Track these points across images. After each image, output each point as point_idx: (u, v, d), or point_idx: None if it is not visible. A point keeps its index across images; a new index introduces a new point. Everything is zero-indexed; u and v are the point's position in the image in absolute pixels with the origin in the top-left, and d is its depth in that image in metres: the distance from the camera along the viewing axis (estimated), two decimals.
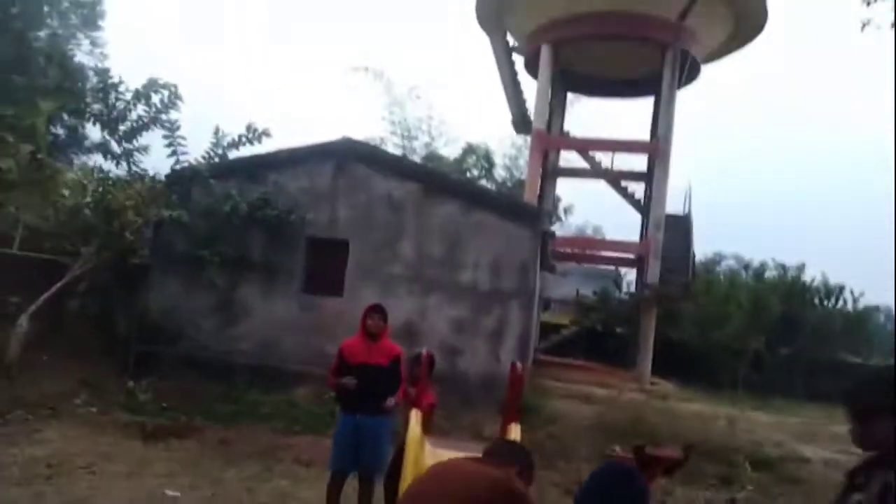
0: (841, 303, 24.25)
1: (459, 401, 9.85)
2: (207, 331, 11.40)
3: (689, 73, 20.81)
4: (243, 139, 11.87)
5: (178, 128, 11.44)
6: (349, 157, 12.09)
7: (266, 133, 11.92)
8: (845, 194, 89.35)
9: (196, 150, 11.80)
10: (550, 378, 15.47)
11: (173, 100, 11.21)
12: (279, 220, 11.38)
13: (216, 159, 11.84)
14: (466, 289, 11.30)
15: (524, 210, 12.45)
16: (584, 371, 17.90)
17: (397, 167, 12.52)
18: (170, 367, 10.51)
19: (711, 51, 21.46)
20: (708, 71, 22.76)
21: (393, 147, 31.36)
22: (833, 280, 24.48)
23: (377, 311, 5.73)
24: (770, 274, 25.45)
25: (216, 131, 11.87)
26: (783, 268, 24.94)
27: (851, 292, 24.48)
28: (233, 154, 11.95)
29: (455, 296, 11.29)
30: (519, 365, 5.25)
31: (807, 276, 24.45)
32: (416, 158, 29.49)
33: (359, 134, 32.36)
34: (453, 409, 9.51)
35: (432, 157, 29.62)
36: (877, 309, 49.32)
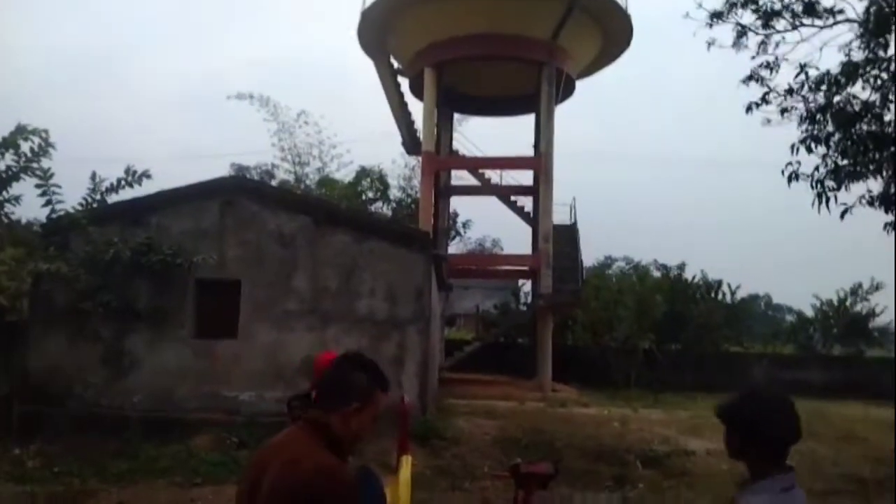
0: (721, 296, 25.96)
1: None
2: (96, 386, 10.95)
3: (564, 89, 21.85)
4: (122, 182, 11.44)
5: (51, 175, 10.89)
6: (235, 193, 11.98)
7: (146, 174, 11.48)
8: (719, 196, 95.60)
9: (72, 196, 11.33)
10: (456, 396, 15.78)
11: (45, 147, 10.72)
12: (165, 264, 11.09)
13: (94, 205, 11.39)
14: (364, 318, 11.43)
15: (415, 235, 12.71)
16: (489, 385, 18.35)
17: (286, 201, 12.50)
18: (58, 429, 10.03)
19: (584, 67, 22.62)
20: (583, 86, 23.99)
21: (284, 174, 31.08)
22: (711, 276, 26.24)
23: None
24: (654, 275, 26.93)
25: (93, 176, 11.40)
26: (665, 268, 26.49)
27: (729, 286, 26.28)
28: (112, 199, 11.53)
29: (353, 326, 11.38)
30: (407, 399, 5.53)
31: (687, 274, 26.06)
32: (310, 184, 29.34)
33: (249, 161, 31.94)
34: None
35: (325, 181, 29.55)
36: (756, 297, 53.03)
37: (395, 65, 23.18)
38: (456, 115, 25.96)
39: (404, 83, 23.77)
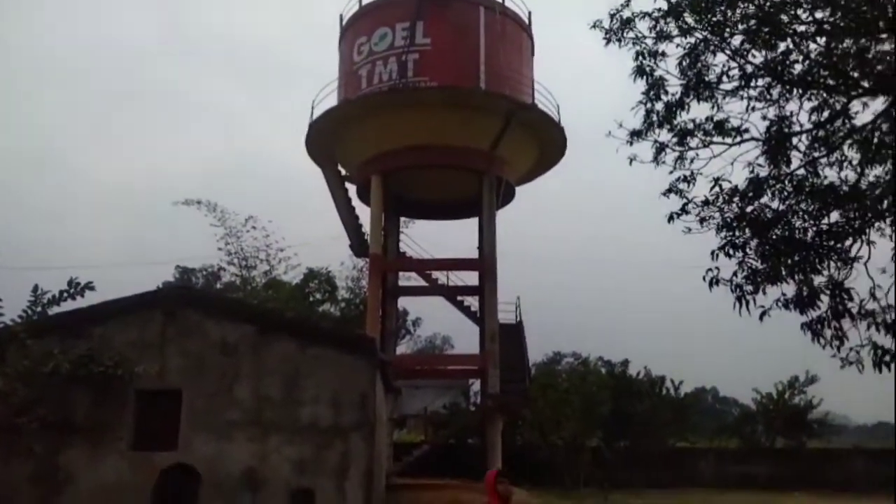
0: (665, 392, 26.47)
1: None
2: None
3: (505, 195, 22.88)
4: (65, 294, 11.46)
5: None
6: (179, 303, 12.09)
7: (89, 286, 11.55)
8: (659, 296, 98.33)
9: (11, 309, 11.26)
10: (405, 502, 15.57)
11: None
12: (105, 375, 11.02)
13: (35, 318, 11.33)
14: (307, 427, 11.41)
15: (360, 341, 12.92)
16: (439, 489, 18.08)
17: (230, 310, 12.63)
18: None
19: (522, 174, 23.79)
20: (523, 191, 25.11)
21: (231, 277, 31.08)
22: (657, 372, 26.83)
23: (505, 475, 6.46)
24: (601, 371, 27.38)
25: (35, 289, 11.40)
26: (610, 364, 27.00)
27: (672, 381, 26.86)
28: (54, 311, 11.49)
29: (296, 435, 11.34)
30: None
31: (632, 371, 26.58)
32: (256, 286, 29.34)
33: (195, 264, 31.81)
34: None
35: (273, 284, 29.61)
36: (703, 391, 53.87)
37: (343, 172, 23.97)
38: (402, 218, 26.73)
39: (351, 189, 24.52)
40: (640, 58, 11.64)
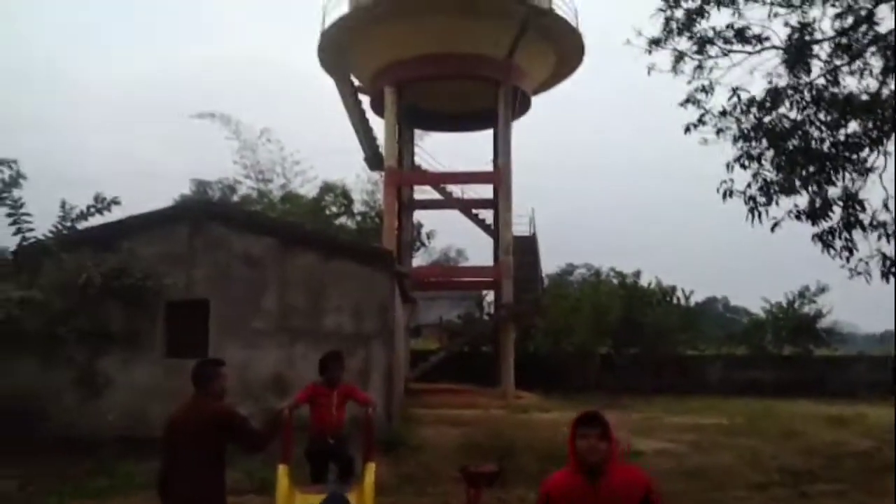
0: (675, 301, 26.96)
1: None
2: (70, 408, 11.26)
3: (521, 105, 22.69)
4: (92, 210, 11.76)
5: (22, 205, 11.21)
6: (203, 217, 12.41)
7: (115, 201, 11.86)
8: (672, 204, 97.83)
9: (42, 224, 11.62)
10: (422, 405, 16.35)
11: (16, 178, 11.02)
12: (136, 287, 11.45)
13: (65, 232, 11.70)
14: (330, 333, 11.90)
15: (379, 254, 13.28)
16: (454, 394, 18.95)
17: (253, 223, 12.96)
18: (34, 450, 10.31)
19: (539, 84, 23.48)
20: (539, 101, 24.84)
21: (247, 190, 31.35)
22: (669, 282, 27.25)
23: (592, 419, 3.04)
24: (613, 282, 27.83)
25: (63, 205, 11.70)
26: (621, 275, 27.39)
27: (683, 291, 27.31)
28: (82, 225, 11.84)
29: (320, 342, 11.81)
30: (370, 410, 6.15)
31: (643, 281, 27.00)
32: (273, 199, 29.66)
33: (211, 176, 31.97)
34: None
35: (289, 197, 29.88)
36: (714, 301, 54.55)
37: (356, 83, 23.76)
38: (416, 131, 26.64)
39: (365, 100, 24.36)
40: None
